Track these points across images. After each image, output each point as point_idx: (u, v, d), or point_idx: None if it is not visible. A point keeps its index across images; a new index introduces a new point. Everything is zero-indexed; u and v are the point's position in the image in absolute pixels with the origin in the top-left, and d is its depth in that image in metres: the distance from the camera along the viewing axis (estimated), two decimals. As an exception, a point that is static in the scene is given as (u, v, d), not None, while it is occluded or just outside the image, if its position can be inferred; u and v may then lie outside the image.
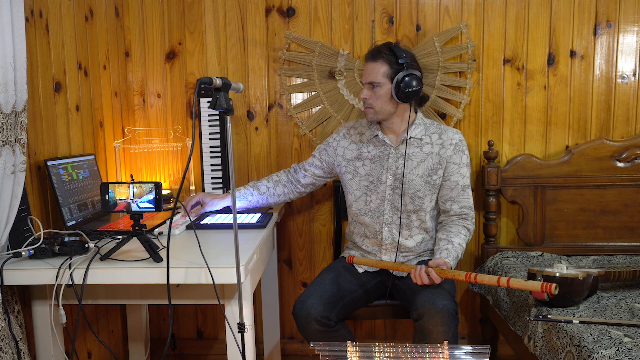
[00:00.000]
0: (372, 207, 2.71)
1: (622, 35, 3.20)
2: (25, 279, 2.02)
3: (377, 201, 2.70)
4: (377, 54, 2.57)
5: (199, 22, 3.36)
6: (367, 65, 2.60)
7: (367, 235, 2.76)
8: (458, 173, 2.66)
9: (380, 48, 2.59)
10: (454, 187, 2.66)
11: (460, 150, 2.67)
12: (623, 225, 3.20)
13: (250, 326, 2.13)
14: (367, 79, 2.59)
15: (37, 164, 2.43)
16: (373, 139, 2.73)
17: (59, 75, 2.63)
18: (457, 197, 2.66)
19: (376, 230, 2.72)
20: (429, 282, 2.36)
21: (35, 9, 2.44)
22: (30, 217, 2.23)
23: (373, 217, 2.71)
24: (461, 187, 2.66)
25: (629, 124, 3.27)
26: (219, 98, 1.90)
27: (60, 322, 2.09)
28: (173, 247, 2.25)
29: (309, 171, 2.89)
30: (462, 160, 2.67)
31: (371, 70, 2.58)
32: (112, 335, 3.21)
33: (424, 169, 2.65)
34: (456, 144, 2.67)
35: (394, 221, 2.68)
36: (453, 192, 2.66)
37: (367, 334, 3.63)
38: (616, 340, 1.98)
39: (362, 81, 2.63)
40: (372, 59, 2.58)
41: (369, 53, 2.61)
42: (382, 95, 2.58)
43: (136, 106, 3.47)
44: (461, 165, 2.66)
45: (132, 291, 2.22)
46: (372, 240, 2.75)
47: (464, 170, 2.67)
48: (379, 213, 2.70)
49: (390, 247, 2.71)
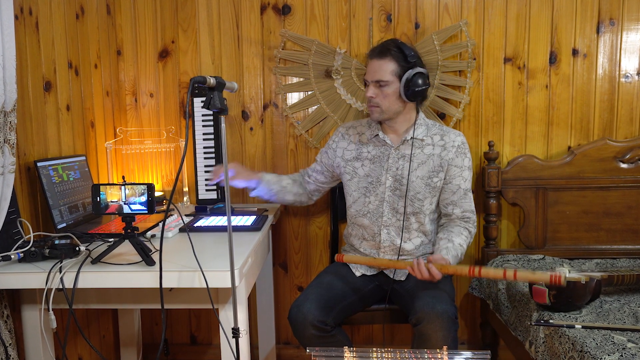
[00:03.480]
0: (370, 209, 2.68)
1: (626, 33, 3.19)
2: (14, 282, 2.02)
3: (375, 202, 2.67)
4: (385, 51, 2.53)
5: (193, 20, 3.34)
6: (373, 62, 2.55)
7: (365, 238, 2.73)
8: (460, 176, 2.63)
9: (388, 45, 2.55)
10: (456, 191, 2.63)
11: (462, 153, 2.64)
12: (626, 227, 3.19)
13: (245, 331, 2.12)
14: (373, 77, 2.54)
15: (27, 165, 2.42)
16: (373, 139, 2.71)
17: (49, 74, 2.62)
18: (459, 200, 2.64)
19: (374, 233, 2.69)
20: (428, 278, 2.31)
21: (25, 6, 2.43)
22: (19, 219, 2.21)
23: (372, 218, 2.68)
24: (463, 191, 2.64)
25: (632, 124, 3.25)
26: (213, 98, 1.89)
27: (51, 327, 2.07)
28: (166, 250, 2.23)
29: (311, 177, 2.90)
30: (464, 164, 2.64)
31: (378, 67, 2.53)
32: (103, 340, 3.19)
33: (424, 170, 2.62)
34: (458, 146, 2.64)
35: (392, 223, 2.66)
36: (455, 195, 2.64)
37: (365, 339, 3.61)
38: (619, 346, 1.97)
39: (368, 79, 2.58)
40: (378, 56, 2.54)
41: (375, 50, 2.57)
42: (390, 94, 2.54)
43: (128, 106, 3.45)
44: (463, 168, 2.64)
45: (124, 295, 2.22)
46: (370, 242, 2.72)
47: (466, 174, 2.65)
48: (377, 215, 2.67)
49: (388, 250, 2.68)
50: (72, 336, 2.81)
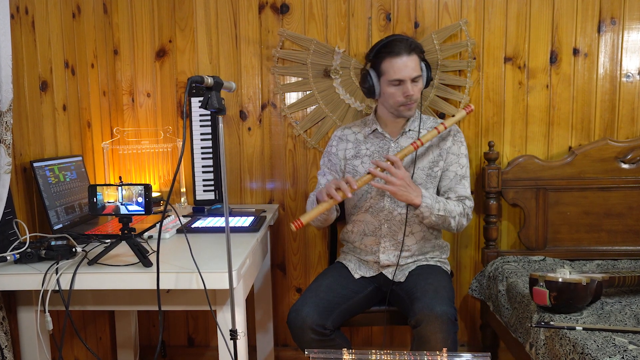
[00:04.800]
0: (372, 204, 2.70)
1: (627, 32, 3.17)
2: (10, 284, 2.01)
3: (377, 197, 2.69)
4: (413, 46, 2.57)
5: (190, 19, 3.33)
6: (403, 59, 2.54)
7: (366, 233, 2.74)
8: (457, 163, 2.69)
9: (410, 41, 2.58)
10: (453, 178, 2.69)
11: (459, 141, 2.72)
12: (628, 228, 3.18)
13: (243, 333, 2.11)
14: (411, 74, 2.56)
15: (23, 166, 2.41)
16: (370, 135, 2.75)
17: (45, 74, 2.61)
18: (455, 186, 2.68)
19: (375, 227, 2.70)
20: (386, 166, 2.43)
21: (21, 5, 2.42)
22: (15, 220, 2.21)
23: (373, 213, 2.70)
24: (459, 177, 2.69)
25: (634, 124, 3.24)
26: (210, 97, 1.88)
27: (47, 329, 2.07)
28: (163, 251, 2.21)
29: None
30: (460, 151, 2.71)
31: (412, 63, 2.56)
32: (100, 342, 3.18)
33: (425, 162, 2.68)
34: (454, 135, 2.73)
35: (394, 217, 2.66)
36: (452, 182, 2.68)
37: (364, 341, 3.60)
38: (621, 348, 1.96)
39: (403, 77, 2.56)
40: (409, 52, 2.55)
41: (402, 47, 2.55)
42: (420, 87, 2.63)
43: (125, 106, 3.44)
44: (460, 155, 2.71)
45: (120, 297, 2.21)
46: (370, 237, 2.72)
47: (463, 161, 2.71)
48: (378, 209, 2.69)
49: (389, 245, 2.69)
50: (68, 338, 2.80)
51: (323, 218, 2.63)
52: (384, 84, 2.59)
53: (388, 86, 2.58)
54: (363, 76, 2.66)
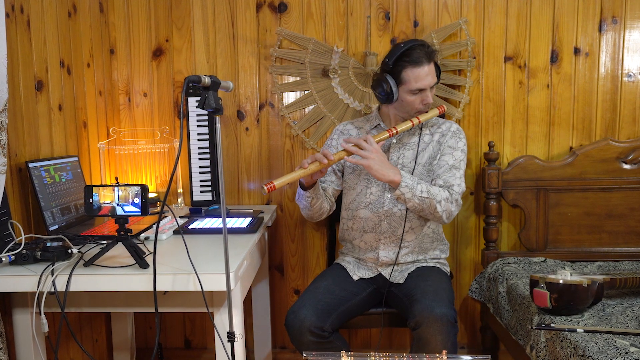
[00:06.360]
0: (372, 200, 2.69)
1: (629, 31, 3.17)
2: (5, 286, 2.00)
3: (377, 193, 2.69)
4: (431, 53, 2.58)
5: (187, 18, 3.32)
6: (425, 69, 2.54)
7: (366, 230, 2.73)
8: (450, 155, 2.67)
9: (428, 48, 2.58)
10: (443, 166, 2.65)
11: (457, 136, 2.72)
12: (629, 229, 3.18)
13: (241, 335, 2.11)
14: (431, 83, 2.58)
15: (18, 166, 2.41)
16: (373, 130, 2.77)
17: (40, 73, 2.61)
18: (443, 174, 2.63)
19: (375, 223, 2.69)
20: (356, 141, 2.45)
21: (16, 4, 2.42)
22: (10, 221, 2.20)
23: (373, 209, 2.69)
24: (449, 166, 2.64)
25: (635, 124, 3.24)
26: (207, 97, 1.89)
27: (42, 331, 2.06)
28: (160, 252, 2.22)
29: (326, 182, 2.85)
30: (457, 145, 2.69)
31: (432, 72, 2.58)
32: (96, 344, 3.18)
33: (424, 157, 2.68)
34: (454, 131, 2.73)
35: (394, 213, 2.66)
36: (441, 170, 2.64)
37: (363, 343, 3.59)
38: (622, 350, 1.96)
39: (424, 87, 2.56)
40: (428, 61, 2.56)
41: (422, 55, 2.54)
42: (434, 91, 2.68)
43: (121, 106, 3.43)
44: (456, 149, 2.68)
45: (117, 299, 2.21)
46: (370, 234, 2.72)
47: (457, 154, 2.68)
48: (378, 205, 2.68)
49: (389, 242, 2.69)
50: (64, 340, 2.80)
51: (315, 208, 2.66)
52: (404, 92, 2.58)
53: (408, 94, 2.57)
54: (378, 81, 2.61)
